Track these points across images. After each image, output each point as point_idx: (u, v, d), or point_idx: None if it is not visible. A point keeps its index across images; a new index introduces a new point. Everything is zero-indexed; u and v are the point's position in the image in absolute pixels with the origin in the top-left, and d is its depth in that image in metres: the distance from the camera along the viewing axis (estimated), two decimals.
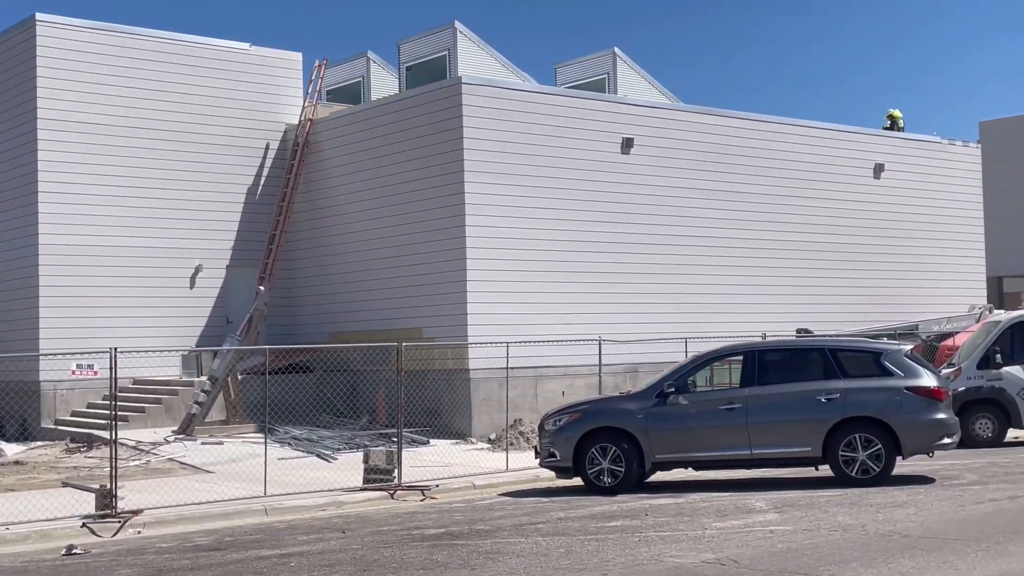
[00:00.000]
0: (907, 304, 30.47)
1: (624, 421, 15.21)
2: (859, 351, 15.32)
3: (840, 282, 29.19)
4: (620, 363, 23.91)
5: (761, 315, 26.60)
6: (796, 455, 14.93)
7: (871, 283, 29.93)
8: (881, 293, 30.01)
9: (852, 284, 29.42)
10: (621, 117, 25.55)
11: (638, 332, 24.06)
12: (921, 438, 14.65)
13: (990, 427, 20.73)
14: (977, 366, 20.99)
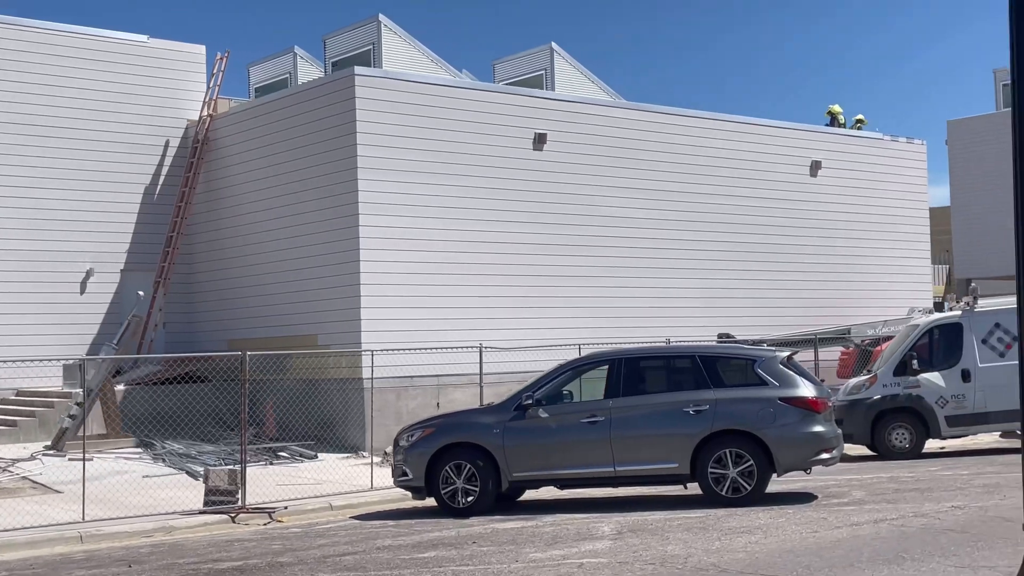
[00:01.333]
0: (845, 307, 29.26)
1: (480, 436, 13.94)
2: (732, 358, 14.04)
3: (773, 284, 27.97)
4: (529, 371, 22.62)
5: (684, 319, 25.39)
6: (662, 472, 13.68)
7: (807, 285, 28.72)
8: (818, 296, 28.80)
9: (786, 287, 28.21)
10: (533, 112, 24.32)
11: (553, 338, 22.80)
12: (796, 453, 13.40)
13: (907, 437, 19.53)
14: (893, 372, 19.81)
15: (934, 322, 20.08)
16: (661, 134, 26.33)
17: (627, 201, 25.45)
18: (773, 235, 28.24)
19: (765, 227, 28.07)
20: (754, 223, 27.83)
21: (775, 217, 28.33)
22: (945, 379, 19.50)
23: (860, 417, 19.70)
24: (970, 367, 19.41)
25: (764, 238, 28.00)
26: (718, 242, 26.98)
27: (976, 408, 19.36)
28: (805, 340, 24.19)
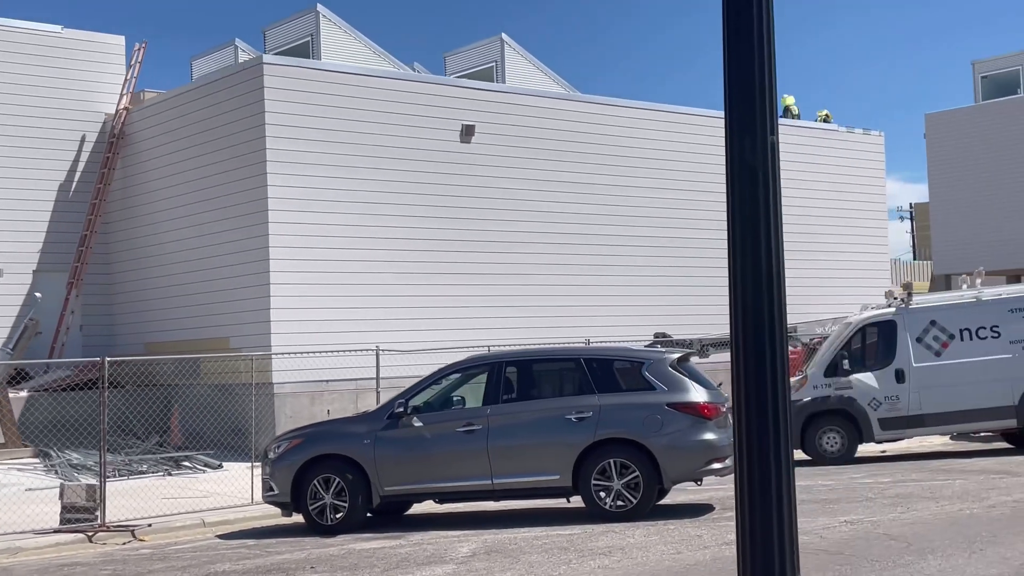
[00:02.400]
0: (798, 304, 28.12)
1: (350, 447, 12.92)
2: (619, 361, 13.00)
3: (717, 281, 26.89)
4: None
5: (620, 318, 24.39)
6: (542, 485, 12.65)
7: None
8: None
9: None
10: (461, 102, 23.31)
11: (477, 339, 21.75)
12: (685, 463, 12.38)
13: (838, 441, 18.50)
14: (824, 373, 18.78)
15: (866, 320, 19.06)
16: (597, 125, 25.33)
17: (561, 195, 24.46)
18: (718, 229, 27.21)
19: (708, 221, 27.03)
20: (696, 217, 26.81)
21: (719, 211, 27.27)
22: (878, 380, 18.49)
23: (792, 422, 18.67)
24: (904, 367, 18.40)
25: (708, 233, 26.96)
26: (657, 237, 25.98)
27: (911, 410, 18.34)
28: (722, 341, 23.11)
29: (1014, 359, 18.15)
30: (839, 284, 29.35)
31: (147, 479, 18.33)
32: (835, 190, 29.81)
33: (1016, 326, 18.27)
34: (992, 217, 44.05)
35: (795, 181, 28.90)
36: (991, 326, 18.35)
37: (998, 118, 44.59)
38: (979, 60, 48.61)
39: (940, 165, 46.55)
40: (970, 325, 18.40)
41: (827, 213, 29.52)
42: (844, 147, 30.46)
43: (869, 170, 30.94)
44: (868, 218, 30.57)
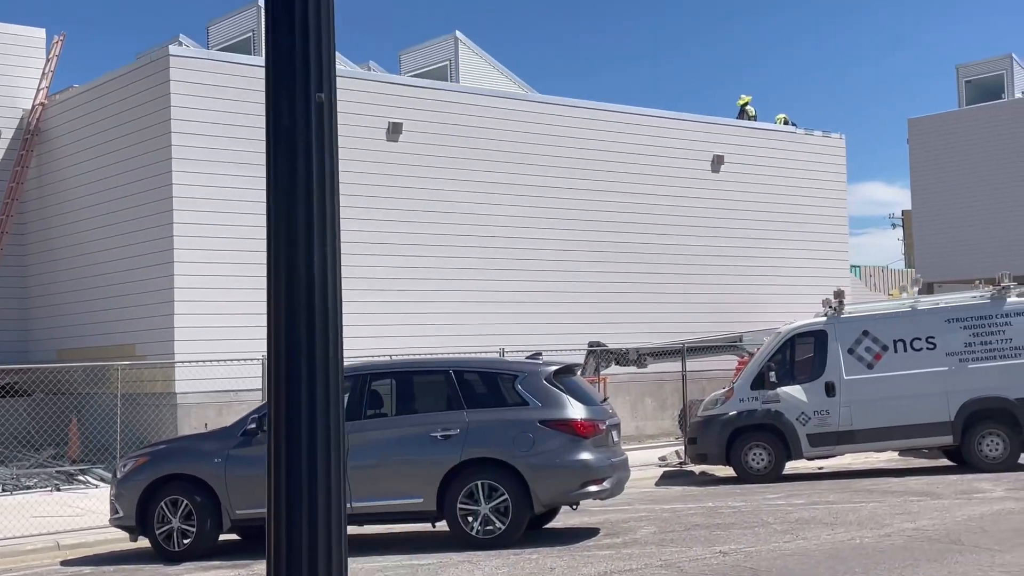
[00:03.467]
0: (752, 312, 27.20)
1: (199, 466, 11.88)
2: (491, 374, 11.97)
3: (665, 288, 25.91)
4: None
5: (556, 325, 23.35)
6: (404, 509, 11.61)
7: (707, 289, 26.67)
8: (719, 300, 26.74)
9: (682, 290, 26.16)
10: (386, 99, 22.29)
11: (399, 348, 20.73)
12: (557, 485, 11.34)
13: (764, 458, 17.47)
14: (751, 386, 17.76)
15: (796, 330, 18.03)
16: (539, 124, 24.32)
17: (497, 197, 23.43)
18: (667, 234, 26.22)
19: (657, 226, 26.04)
20: (644, 221, 25.79)
21: (669, 215, 26.31)
22: (807, 393, 17.46)
23: (714, 435, 17.68)
24: (835, 380, 17.37)
25: (656, 238, 25.97)
26: (600, 241, 24.94)
27: (841, 426, 17.31)
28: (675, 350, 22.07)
29: (950, 372, 17.14)
30: (797, 291, 28.29)
31: (32, 495, 17.29)
32: (793, 194, 28.80)
33: (953, 337, 17.26)
34: (976, 223, 43.03)
35: (748, 184, 27.95)
36: (926, 337, 17.34)
37: (982, 123, 43.58)
38: (963, 64, 47.69)
39: (923, 170, 45.52)
40: (904, 336, 17.39)
41: (784, 218, 28.51)
42: (803, 149, 29.44)
43: (829, 173, 29.91)
44: (828, 223, 29.54)
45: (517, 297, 23.28)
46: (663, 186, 26.38)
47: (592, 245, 24.77)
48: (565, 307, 23.85)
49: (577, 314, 23.90)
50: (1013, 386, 16.94)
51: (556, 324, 23.30)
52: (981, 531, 10.91)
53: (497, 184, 23.45)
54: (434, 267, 22.47)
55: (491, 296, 22.94)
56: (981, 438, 17.06)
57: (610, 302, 24.82)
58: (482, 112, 23.50)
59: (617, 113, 26.01)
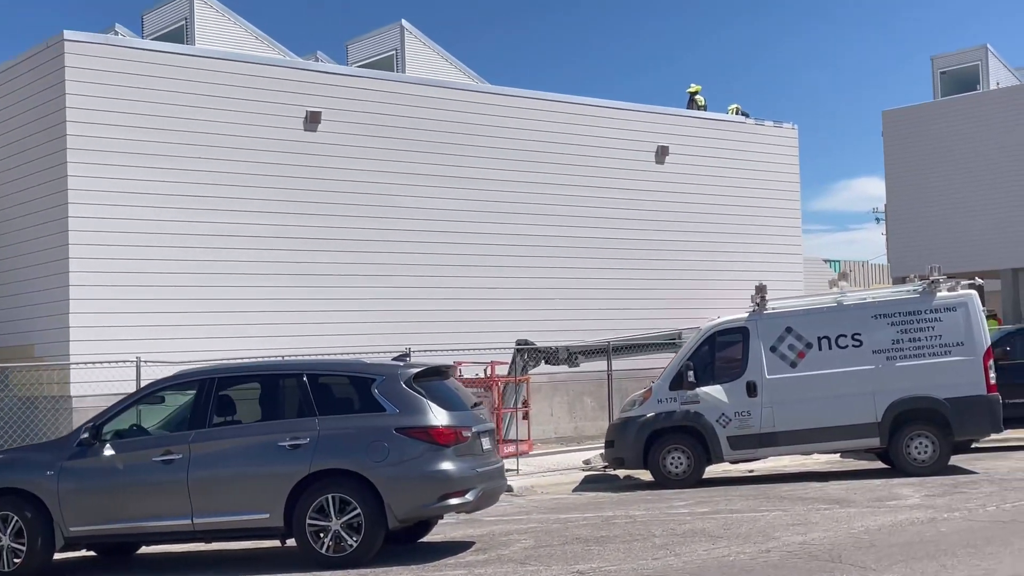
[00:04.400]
0: (698, 307, 26.26)
1: (29, 480, 10.92)
2: (346, 377, 11.04)
3: (601, 284, 24.99)
4: None
5: (485, 323, 22.45)
6: (250, 525, 10.67)
7: (650, 283, 25.76)
8: (663, 295, 25.82)
9: (625, 285, 25.24)
10: (303, 86, 21.32)
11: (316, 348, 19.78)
12: (413, 498, 10.39)
13: (683, 462, 16.59)
14: (670, 386, 16.87)
15: (716, 327, 17.13)
16: (470, 114, 23.39)
17: (423, 190, 22.50)
18: (608, 228, 25.30)
19: (598, 219, 25.13)
20: (584, 215, 24.88)
21: (611, 208, 25.40)
22: (728, 393, 16.57)
23: (631, 438, 16.79)
24: (756, 379, 16.48)
25: (596, 231, 25.05)
26: (534, 235, 24.02)
27: (763, 427, 16.42)
28: (602, 349, 21.13)
29: (877, 370, 16.25)
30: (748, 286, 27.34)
31: None
32: (743, 186, 27.91)
33: (880, 334, 16.37)
34: (951, 217, 42.14)
35: (695, 175, 27.07)
36: (852, 334, 16.45)
37: (957, 115, 42.71)
38: (938, 55, 46.83)
39: (897, 163, 44.59)
40: (829, 333, 16.50)
41: (734, 210, 27.62)
42: (753, 140, 28.55)
43: (781, 165, 29.02)
44: (781, 215, 28.66)
45: (445, 293, 22.37)
46: (604, 178, 25.48)
47: (527, 239, 23.86)
48: (495, 304, 22.94)
49: (509, 311, 22.99)
50: (943, 385, 16.07)
51: (485, 322, 22.40)
52: (869, 546, 10.04)
53: (424, 176, 22.53)
54: (353, 262, 21.55)
55: (416, 293, 22.03)
56: (909, 440, 16.18)
57: (547, 299, 23.92)
58: (408, 101, 22.56)
59: (556, 103, 25.11)
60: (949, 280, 16.74)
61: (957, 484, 14.62)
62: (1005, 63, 46.37)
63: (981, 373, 16.04)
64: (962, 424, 16.07)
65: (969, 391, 16.03)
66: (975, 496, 13.25)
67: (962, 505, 12.51)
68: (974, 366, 16.06)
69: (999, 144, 40.97)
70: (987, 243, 41.18)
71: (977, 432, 16.50)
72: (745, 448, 16.54)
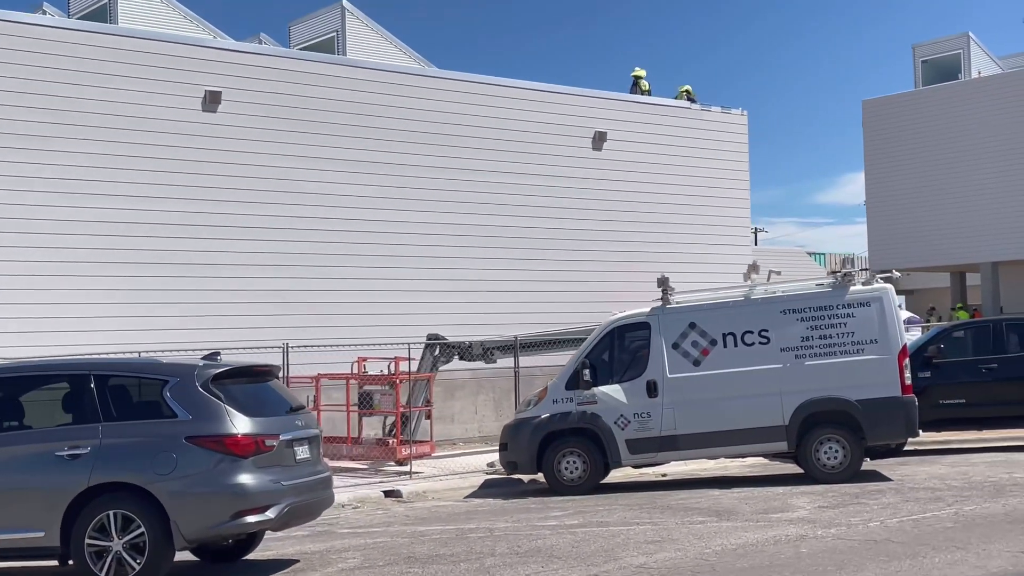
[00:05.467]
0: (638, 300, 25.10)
1: None
2: (135, 378, 9.89)
3: (538, 275, 23.85)
4: None
5: (396, 316, 21.33)
6: (24, 544, 9.48)
7: (586, 276, 24.58)
8: (600, 287, 24.61)
9: (558, 277, 24.06)
10: (201, 64, 20.13)
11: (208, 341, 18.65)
12: (202, 516, 9.22)
13: (579, 466, 15.45)
14: (566, 385, 15.72)
15: (617, 322, 15.97)
16: (382, 95, 22.18)
17: (332, 175, 21.30)
18: (536, 216, 24.11)
19: (524, 207, 23.94)
20: (509, 203, 23.70)
21: (539, 196, 24.22)
22: (627, 393, 15.42)
23: (524, 441, 15.64)
24: (657, 378, 15.33)
25: (522, 220, 23.86)
26: (459, 224, 22.85)
27: (664, 430, 15.28)
28: (535, 343, 20.06)
29: (785, 369, 15.11)
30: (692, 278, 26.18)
31: None
32: (687, 174, 26.72)
33: (789, 330, 15.22)
34: (932, 209, 40.91)
35: (638, 164, 25.91)
36: (759, 330, 15.30)
37: (939, 104, 41.44)
38: (920, 43, 45.59)
39: (877, 154, 43.35)
40: (735, 329, 15.35)
41: (678, 199, 26.44)
42: (699, 126, 27.36)
43: (728, 152, 27.81)
44: (726, 204, 27.46)
45: (352, 285, 21.20)
46: (535, 164, 24.31)
47: (446, 228, 22.68)
48: (409, 296, 21.77)
49: (424, 304, 21.83)
50: (855, 386, 14.92)
51: (401, 315, 21.27)
52: (710, 570, 8.91)
53: (333, 160, 21.35)
54: (251, 251, 20.38)
55: (319, 284, 20.87)
56: (819, 444, 15.04)
57: (470, 291, 22.74)
58: (316, 81, 21.36)
59: (481, 84, 23.91)
60: (864, 273, 15.57)
61: (860, 493, 13.49)
62: (987, 51, 45.15)
63: (896, 373, 14.90)
64: (875, 428, 14.94)
65: (883, 392, 14.89)
66: (869, 508, 12.12)
67: (847, 520, 11.38)
68: (888, 365, 14.91)
69: (980, 135, 39.74)
70: (968, 236, 39.96)
71: (891, 436, 15.36)
72: (644, 452, 15.40)
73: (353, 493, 15.78)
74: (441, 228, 22.59)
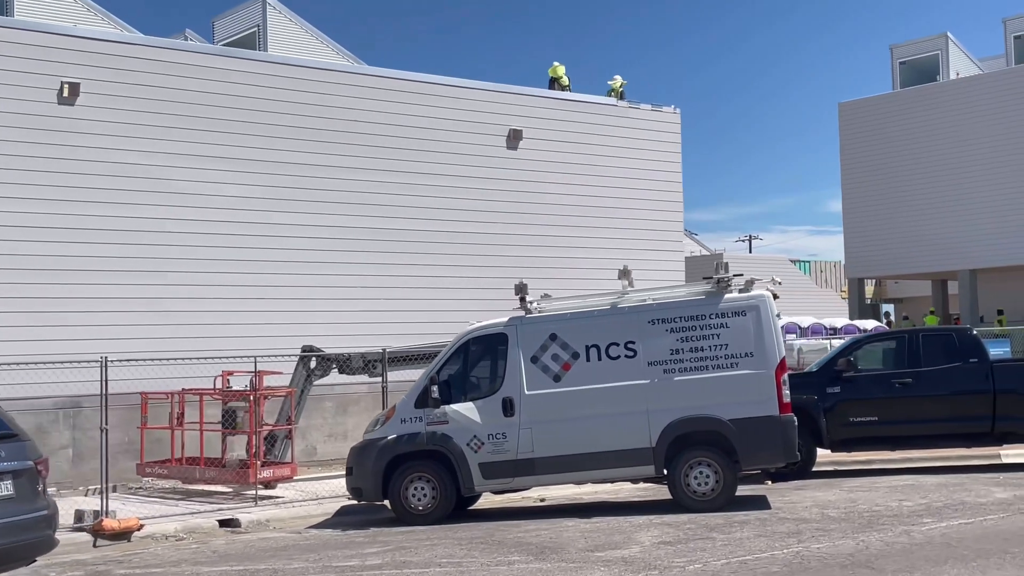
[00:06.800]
0: None
1: None
2: None
3: (445, 282, 22.39)
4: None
5: (272, 326, 19.88)
6: None
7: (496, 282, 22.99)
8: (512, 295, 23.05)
9: (466, 284, 22.57)
10: (58, 54, 18.69)
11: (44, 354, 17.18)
12: None
13: (428, 493, 13.96)
14: (415, 403, 14.22)
15: (472, 333, 14.47)
16: (264, 88, 20.73)
17: (204, 174, 19.83)
18: (443, 220, 22.66)
19: (428, 209, 22.49)
20: (410, 204, 22.25)
21: (445, 197, 22.76)
22: (482, 412, 13.93)
23: (369, 465, 14.14)
24: (514, 395, 13.84)
25: (427, 224, 22.41)
26: (357, 227, 21.41)
27: (520, 453, 13.78)
28: (420, 355, 18.53)
29: (652, 385, 13.63)
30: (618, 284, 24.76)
31: None
32: (613, 175, 25.29)
33: (657, 342, 13.74)
34: (909, 215, 39.44)
35: (558, 164, 24.46)
36: (626, 342, 13.82)
37: (917, 106, 40.01)
38: (897, 44, 44.18)
39: (855, 157, 41.92)
40: (599, 341, 13.86)
41: (601, 201, 25.01)
42: (626, 125, 25.93)
43: (659, 152, 26.36)
44: (656, 207, 25.99)
45: (222, 293, 19.71)
46: (444, 164, 22.87)
47: (343, 232, 21.23)
48: (285, 305, 20.31)
49: (301, 313, 20.36)
50: (728, 404, 13.43)
51: (278, 324, 19.81)
52: None
53: (206, 159, 19.87)
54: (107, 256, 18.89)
55: (187, 292, 19.40)
56: (689, 468, 13.55)
57: (369, 299, 21.31)
58: (192, 73, 19.90)
59: (383, 79, 22.49)
60: (741, 278, 14.05)
61: (722, 525, 11.99)
62: (966, 52, 43.72)
63: (773, 389, 13.41)
64: (749, 450, 13.44)
65: (758, 411, 13.40)
66: (711, 547, 10.62)
67: (670, 561, 9.91)
68: (765, 381, 13.42)
69: (958, 138, 38.31)
70: (945, 243, 38.52)
71: (768, 460, 13.82)
72: (499, 477, 13.90)
73: (185, 523, 14.31)
74: (331, 232, 21.13)
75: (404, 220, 22.04)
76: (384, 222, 21.79)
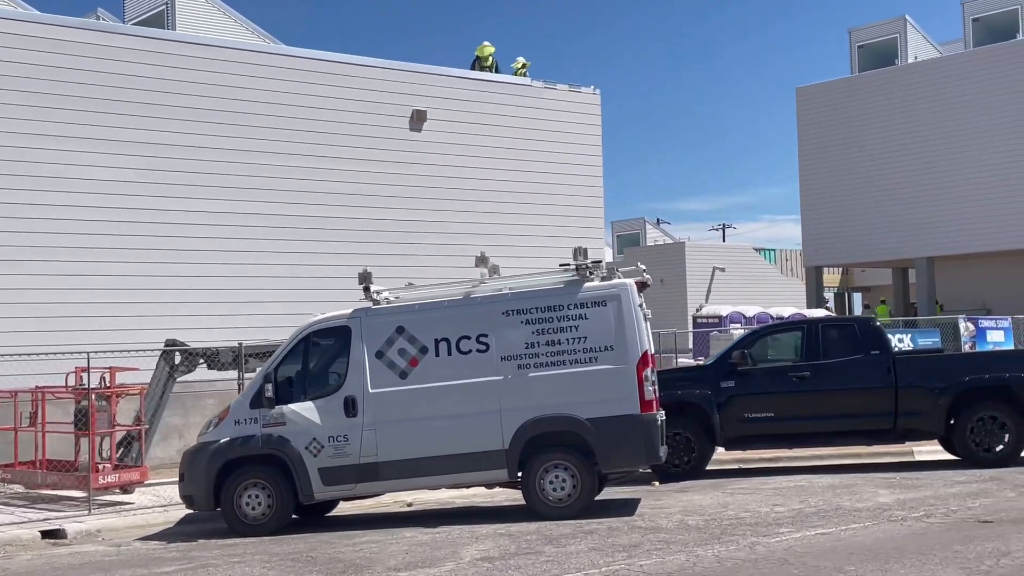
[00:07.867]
0: None
1: None
2: None
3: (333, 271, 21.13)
4: None
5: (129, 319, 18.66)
6: None
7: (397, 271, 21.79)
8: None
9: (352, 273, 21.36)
10: None
11: None
12: None
13: (262, 502, 12.79)
14: (251, 403, 13.04)
15: (313, 326, 13.29)
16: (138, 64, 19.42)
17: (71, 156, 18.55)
18: (336, 205, 21.43)
19: (320, 194, 21.25)
20: (299, 188, 21.01)
21: (340, 181, 21.51)
22: (322, 412, 12.76)
23: (201, 470, 12.95)
24: (357, 394, 12.68)
25: (316, 208, 21.19)
26: (221, 212, 20.14)
27: (363, 456, 12.62)
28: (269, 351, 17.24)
29: (505, 382, 12.50)
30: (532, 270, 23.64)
31: None
32: (527, 159, 24.13)
33: (511, 335, 12.60)
34: (865, 202, 38.39)
35: (467, 147, 23.27)
36: (477, 335, 12.68)
37: (875, 90, 38.95)
38: (856, 28, 43.11)
39: (812, 143, 40.83)
40: (449, 334, 12.72)
41: (514, 187, 23.85)
42: (541, 106, 24.75)
43: (577, 135, 25.18)
44: (576, 192, 24.82)
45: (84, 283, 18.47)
46: (338, 146, 21.62)
47: (227, 218, 20.00)
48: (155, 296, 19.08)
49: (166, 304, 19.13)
50: (586, 402, 12.32)
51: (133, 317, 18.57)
52: None
53: (79, 140, 18.57)
54: None
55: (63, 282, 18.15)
56: (544, 472, 12.43)
57: (245, 288, 20.08)
58: (49, 47, 18.61)
59: (271, 56, 21.27)
60: (603, 266, 12.91)
61: (565, 536, 10.90)
62: (925, 35, 42.74)
63: (634, 386, 12.30)
64: (608, 451, 12.33)
65: (618, 409, 12.29)
66: (526, 566, 9.47)
67: None
68: (625, 377, 12.31)
69: (915, 124, 37.31)
70: (903, 231, 37.51)
71: (628, 462, 12.69)
72: (340, 483, 12.73)
73: (5, 534, 13.10)
74: (205, 218, 19.86)
75: (289, 205, 20.80)
76: (265, 207, 20.54)
